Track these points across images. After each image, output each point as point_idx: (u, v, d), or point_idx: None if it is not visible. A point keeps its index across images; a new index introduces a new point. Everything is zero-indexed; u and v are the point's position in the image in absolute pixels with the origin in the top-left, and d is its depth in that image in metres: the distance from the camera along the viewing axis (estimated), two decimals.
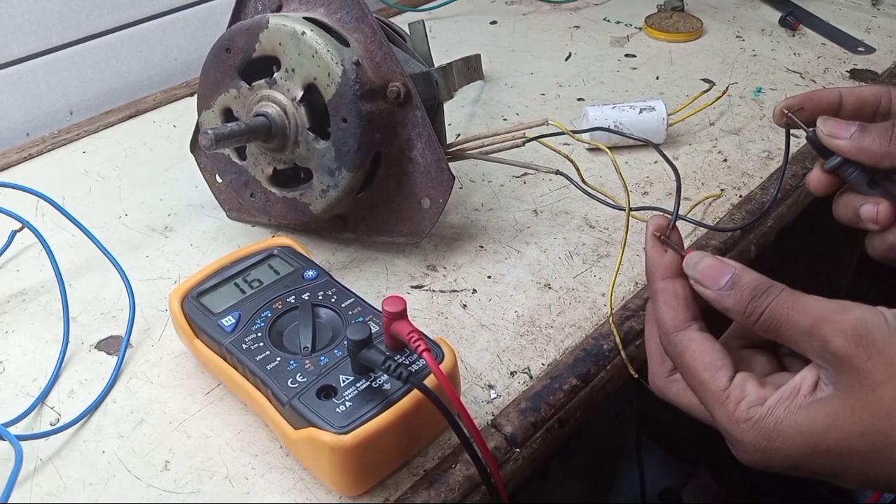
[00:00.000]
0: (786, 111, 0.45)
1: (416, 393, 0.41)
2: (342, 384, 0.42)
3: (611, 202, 0.56)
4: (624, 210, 0.54)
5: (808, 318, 0.35)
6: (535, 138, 0.57)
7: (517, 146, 0.57)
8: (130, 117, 0.77)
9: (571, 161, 0.58)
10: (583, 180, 0.57)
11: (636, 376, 0.51)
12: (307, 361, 0.43)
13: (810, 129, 0.45)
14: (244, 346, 0.44)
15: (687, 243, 0.59)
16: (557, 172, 0.56)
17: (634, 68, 0.85)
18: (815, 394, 0.35)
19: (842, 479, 0.35)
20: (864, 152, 0.42)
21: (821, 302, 0.35)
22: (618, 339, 0.51)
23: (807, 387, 0.35)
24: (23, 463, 0.39)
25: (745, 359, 0.41)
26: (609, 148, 0.56)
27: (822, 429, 0.34)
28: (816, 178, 0.45)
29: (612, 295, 0.54)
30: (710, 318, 0.41)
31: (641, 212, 0.52)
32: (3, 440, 0.41)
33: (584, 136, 0.70)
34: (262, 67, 0.54)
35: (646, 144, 0.70)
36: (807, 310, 0.35)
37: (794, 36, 0.91)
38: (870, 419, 0.33)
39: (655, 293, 0.41)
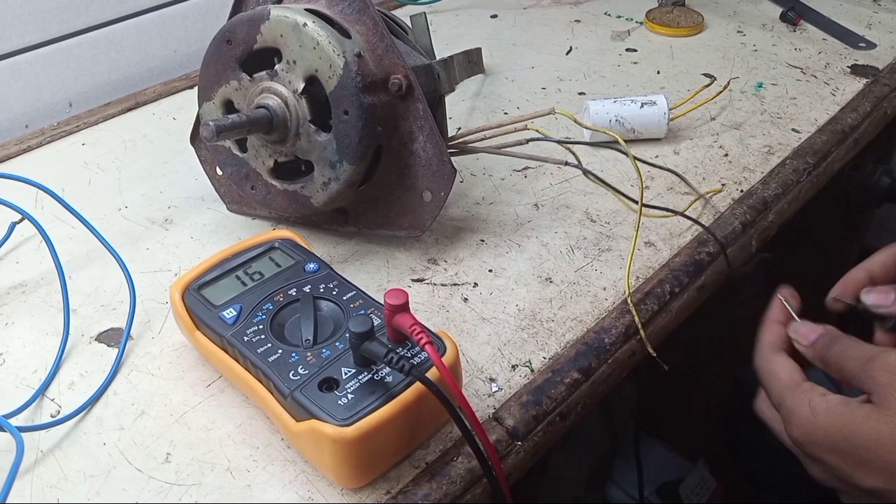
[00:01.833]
0: (836, 299, 0.51)
1: (418, 385, 0.41)
2: (344, 377, 0.41)
3: (624, 195, 0.55)
4: (637, 203, 0.54)
5: (861, 360, 0.43)
6: (537, 139, 0.57)
7: (521, 143, 0.57)
8: (130, 109, 0.77)
9: (574, 154, 0.58)
10: (585, 174, 0.57)
11: (654, 355, 0.52)
12: (309, 354, 0.43)
13: (860, 305, 0.51)
14: (245, 339, 0.44)
15: (688, 237, 0.59)
16: (566, 164, 0.56)
17: (635, 63, 0.84)
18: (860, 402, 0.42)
19: (864, 475, 0.41)
20: None
21: (870, 347, 0.44)
22: (636, 318, 0.52)
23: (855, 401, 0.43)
24: (24, 454, 0.39)
25: None
26: (631, 140, 0.56)
27: (860, 420, 0.41)
28: (882, 338, 0.51)
29: (628, 274, 0.55)
30: None
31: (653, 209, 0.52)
32: (4, 431, 0.41)
33: (585, 134, 0.70)
34: (263, 59, 0.53)
35: (647, 140, 0.70)
36: (861, 354, 0.43)
37: (794, 31, 0.91)
38: None
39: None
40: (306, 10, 0.52)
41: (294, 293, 0.47)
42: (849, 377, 0.44)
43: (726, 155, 0.69)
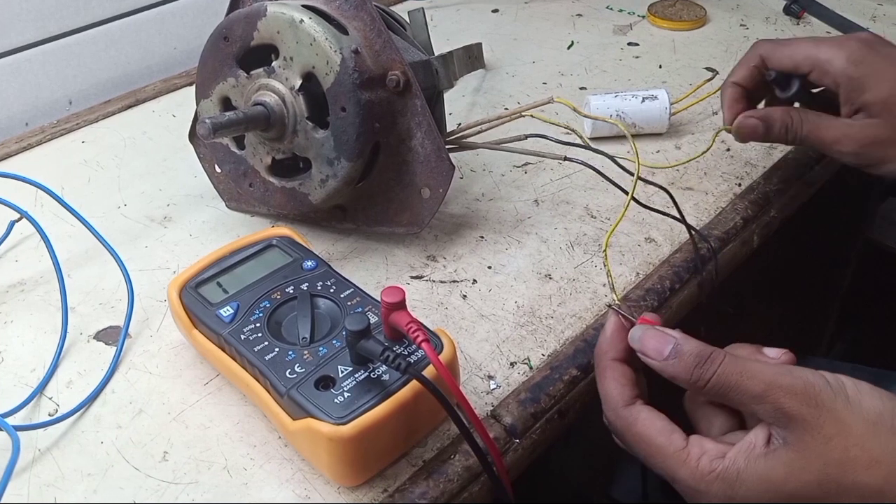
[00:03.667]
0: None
1: (414, 384, 0.41)
2: (341, 375, 0.41)
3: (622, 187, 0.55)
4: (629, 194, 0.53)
5: (759, 384, 0.38)
6: (536, 135, 0.57)
7: (520, 139, 0.57)
8: (129, 107, 0.77)
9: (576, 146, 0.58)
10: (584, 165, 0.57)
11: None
12: (305, 352, 0.43)
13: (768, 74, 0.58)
14: (242, 337, 0.44)
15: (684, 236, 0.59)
16: (566, 159, 0.56)
17: (637, 57, 0.84)
18: (769, 447, 0.38)
19: None
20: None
21: (767, 367, 0.39)
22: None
23: (761, 441, 0.38)
24: (20, 453, 0.39)
25: (708, 414, 0.43)
26: (632, 135, 0.56)
27: (782, 478, 0.37)
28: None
29: (609, 272, 0.54)
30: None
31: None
32: (1, 430, 0.41)
33: (586, 127, 0.69)
34: (260, 56, 0.53)
35: (648, 134, 0.69)
36: (756, 376, 0.38)
37: (798, 24, 0.90)
38: (824, 469, 0.37)
39: (605, 370, 0.43)
40: (303, 6, 0.52)
41: (291, 291, 0.47)
42: (737, 405, 0.39)
43: (728, 150, 0.69)
